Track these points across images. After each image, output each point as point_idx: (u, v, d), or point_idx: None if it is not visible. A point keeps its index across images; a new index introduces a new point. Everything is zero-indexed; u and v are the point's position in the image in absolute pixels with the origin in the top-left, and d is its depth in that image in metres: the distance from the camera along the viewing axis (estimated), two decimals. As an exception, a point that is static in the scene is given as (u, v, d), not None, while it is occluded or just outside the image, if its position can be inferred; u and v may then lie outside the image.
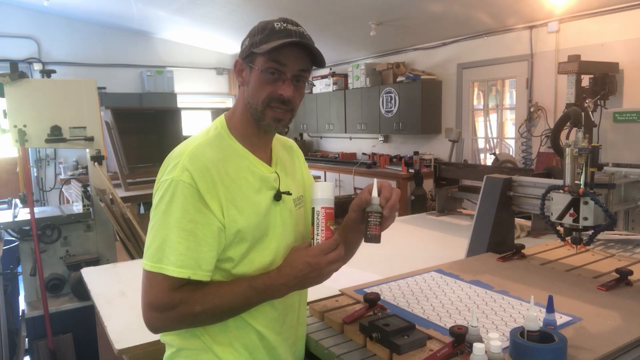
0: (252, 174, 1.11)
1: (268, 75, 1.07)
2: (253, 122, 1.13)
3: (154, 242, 1.02)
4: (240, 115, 1.15)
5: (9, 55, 6.53)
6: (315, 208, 1.08)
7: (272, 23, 1.09)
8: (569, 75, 3.74)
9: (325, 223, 1.06)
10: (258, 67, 1.08)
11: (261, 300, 1.07)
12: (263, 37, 1.07)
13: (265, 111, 1.10)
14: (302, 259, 1.04)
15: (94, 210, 3.33)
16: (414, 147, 6.50)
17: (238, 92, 1.18)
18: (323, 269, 1.04)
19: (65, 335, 3.07)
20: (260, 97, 1.09)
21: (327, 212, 1.07)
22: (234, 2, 5.69)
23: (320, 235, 1.06)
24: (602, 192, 1.54)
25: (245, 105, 1.13)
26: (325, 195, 1.08)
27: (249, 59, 1.10)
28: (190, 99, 8.08)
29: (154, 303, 1.01)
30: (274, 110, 1.10)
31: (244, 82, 1.13)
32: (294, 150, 1.33)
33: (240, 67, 1.13)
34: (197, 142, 1.09)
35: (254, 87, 1.09)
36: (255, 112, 1.11)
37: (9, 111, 3.01)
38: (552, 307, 1.15)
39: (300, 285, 1.07)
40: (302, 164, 1.33)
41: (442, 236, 2.62)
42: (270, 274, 1.06)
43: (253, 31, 1.11)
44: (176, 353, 1.13)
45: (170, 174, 1.03)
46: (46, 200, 7.00)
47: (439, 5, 4.94)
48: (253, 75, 1.09)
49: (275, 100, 1.09)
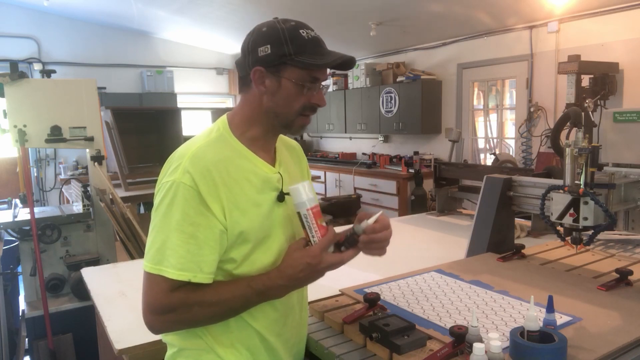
0: (255, 174, 1.11)
1: (305, 86, 1.08)
2: (266, 127, 1.13)
3: (154, 244, 1.02)
4: (248, 118, 1.14)
5: (9, 55, 6.53)
6: (301, 212, 1.07)
7: (297, 31, 1.07)
8: (569, 75, 3.74)
9: (316, 222, 1.07)
10: (292, 78, 1.07)
11: (261, 301, 1.07)
12: (296, 47, 1.06)
13: (297, 119, 1.12)
14: (302, 259, 1.04)
15: (94, 210, 3.33)
16: (414, 147, 6.50)
17: (245, 96, 1.15)
18: (323, 267, 1.05)
19: (65, 335, 3.07)
20: (294, 107, 1.10)
21: (314, 211, 1.07)
22: (234, 2, 5.69)
23: (316, 235, 1.06)
24: (602, 192, 1.53)
25: (264, 112, 1.12)
26: (307, 196, 1.07)
27: (277, 68, 1.07)
28: (190, 99, 8.08)
29: (153, 305, 1.01)
30: (304, 118, 1.12)
31: (267, 90, 1.10)
32: (297, 151, 1.33)
33: (262, 75, 1.09)
34: (198, 144, 1.09)
35: (287, 98, 1.09)
36: (285, 120, 1.12)
37: (9, 111, 3.01)
38: (552, 307, 1.15)
39: (300, 284, 1.09)
40: (304, 166, 1.34)
41: (442, 236, 2.62)
42: (270, 274, 1.06)
43: (276, 39, 1.06)
44: (178, 353, 1.13)
45: (172, 176, 1.03)
46: (46, 200, 7.00)
47: (439, 5, 4.94)
48: (284, 86, 1.08)
49: (309, 109, 1.11)
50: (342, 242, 1.08)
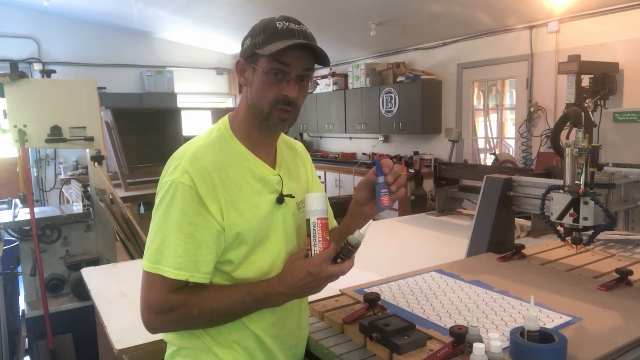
0: (253, 175, 1.11)
1: (272, 76, 1.06)
2: (257, 123, 1.12)
3: (153, 243, 1.02)
4: (243, 116, 1.14)
5: (9, 55, 6.53)
6: (311, 219, 1.08)
7: (274, 22, 1.07)
8: (569, 75, 3.74)
9: (322, 234, 1.07)
10: (261, 68, 1.06)
11: (259, 308, 1.07)
12: (265, 37, 1.05)
13: (272, 112, 1.09)
14: (303, 268, 1.04)
15: (94, 210, 3.33)
16: (414, 147, 6.50)
17: (242, 92, 1.17)
18: (323, 278, 1.05)
19: (65, 335, 3.07)
20: (266, 99, 1.08)
21: (323, 222, 1.08)
22: (234, 2, 5.69)
23: (318, 246, 1.07)
24: (602, 192, 1.53)
25: (249, 106, 1.12)
26: (320, 206, 1.08)
27: (251, 59, 1.08)
28: (190, 99, 8.08)
29: (151, 304, 1.01)
30: (279, 111, 1.09)
31: (246, 82, 1.11)
32: (299, 152, 1.31)
33: (242, 67, 1.12)
34: (198, 144, 1.09)
35: (259, 89, 1.08)
36: (260, 113, 1.10)
37: (9, 111, 3.01)
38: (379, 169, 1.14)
39: (300, 293, 1.07)
40: (307, 167, 1.32)
41: (442, 236, 2.62)
42: (270, 281, 1.06)
43: (254, 30, 1.09)
44: (177, 352, 1.14)
45: (171, 176, 1.03)
46: (46, 200, 7.00)
47: (439, 5, 4.94)
48: (256, 77, 1.08)
49: (281, 102, 1.08)
50: (338, 254, 1.07)
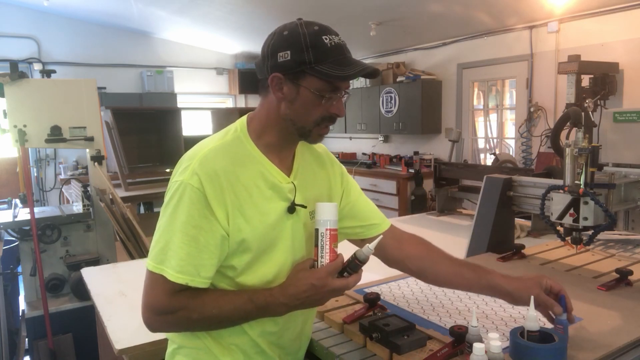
0: (265, 181, 1.07)
1: (323, 96, 1.03)
2: (286, 135, 1.09)
3: (159, 243, 1.02)
4: (265, 122, 1.09)
5: (9, 55, 6.52)
6: (320, 230, 1.04)
7: (320, 38, 1.01)
8: (569, 75, 3.74)
9: (330, 245, 1.04)
10: (310, 87, 1.02)
11: (260, 316, 1.05)
12: (318, 55, 1.00)
13: (314, 129, 1.07)
14: (307, 279, 1.02)
15: (94, 210, 3.33)
16: (414, 147, 6.50)
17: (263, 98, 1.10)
18: (327, 292, 1.02)
19: (65, 335, 3.07)
20: (311, 117, 1.05)
21: (332, 233, 1.04)
22: (234, 2, 5.69)
23: (325, 258, 1.04)
24: (602, 192, 1.53)
25: (281, 119, 1.07)
26: (330, 217, 1.05)
27: (296, 75, 1.02)
28: (191, 99, 8.08)
29: (153, 304, 1.01)
30: (323, 128, 1.08)
31: (284, 98, 1.05)
32: (323, 157, 1.25)
33: (280, 82, 1.04)
34: (211, 146, 1.06)
35: (304, 107, 1.04)
36: (301, 130, 1.07)
37: (9, 111, 3.01)
38: (564, 306, 1.13)
39: (301, 305, 1.04)
40: (337, 171, 1.26)
41: (442, 236, 2.62)
42: (272, 290, 1.03)
43: (297, 44, 1.00)
44: (177, 350, 1.14)
45: (181, 176, 1.02)
46: (46, 200, 7.00)
47: (439, 5, 4.93)
48: (302, 94, 1.03)
49: (327, 119, 1.06)
50: (344, 268, 1.05)
